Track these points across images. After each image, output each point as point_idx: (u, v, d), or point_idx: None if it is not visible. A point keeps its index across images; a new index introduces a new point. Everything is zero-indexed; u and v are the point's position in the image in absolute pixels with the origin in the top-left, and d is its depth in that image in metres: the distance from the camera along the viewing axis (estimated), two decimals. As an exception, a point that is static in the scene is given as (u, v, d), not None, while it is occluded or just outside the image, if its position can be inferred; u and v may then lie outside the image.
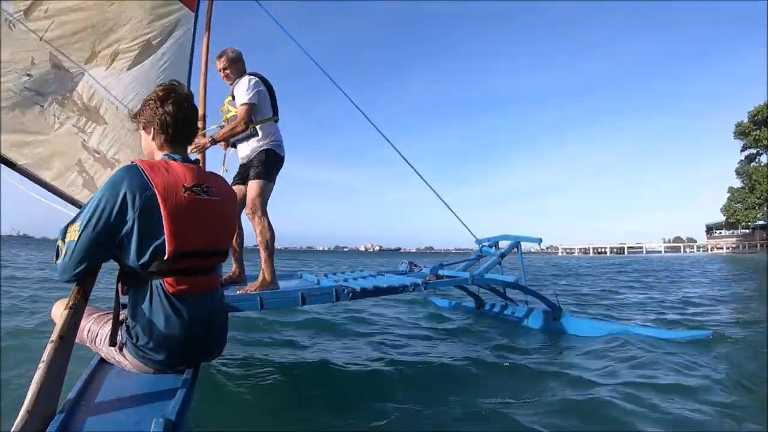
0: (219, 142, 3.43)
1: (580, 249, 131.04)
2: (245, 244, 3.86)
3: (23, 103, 3.00)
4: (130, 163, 1.54)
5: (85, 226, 1.44)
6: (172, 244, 1.47)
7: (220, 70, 3.48)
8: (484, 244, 5.65)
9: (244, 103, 3.30)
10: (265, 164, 3.40)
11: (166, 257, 1.48)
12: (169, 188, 1.50)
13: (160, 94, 1.69)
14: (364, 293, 3.75)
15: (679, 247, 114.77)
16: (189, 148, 3.15)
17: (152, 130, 1.70)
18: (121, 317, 1.65)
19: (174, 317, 1.53)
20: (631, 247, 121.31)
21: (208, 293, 1.67)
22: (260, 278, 3.43)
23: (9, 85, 2.93)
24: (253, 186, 3.36)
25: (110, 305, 1.67)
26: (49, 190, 3.21)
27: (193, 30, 3.76)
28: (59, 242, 1.49)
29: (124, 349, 1.62)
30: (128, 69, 3.50)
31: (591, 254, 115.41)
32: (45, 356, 1.30)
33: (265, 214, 3.38)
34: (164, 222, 1.46)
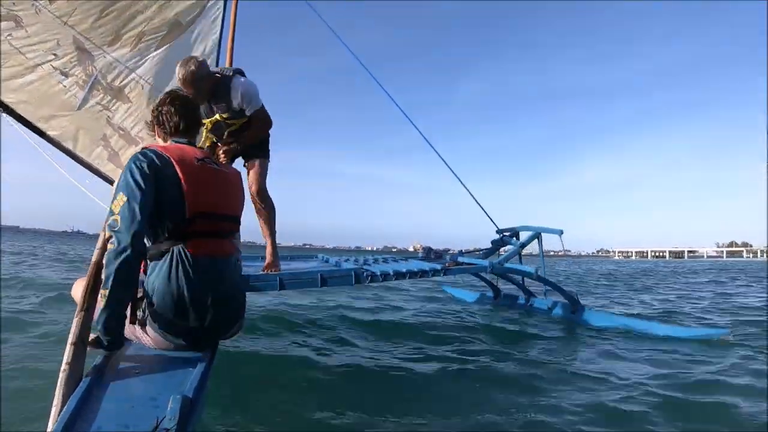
0: (248, 144, 3.17)
1: (637, 252, 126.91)
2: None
3: (48, 80, 3.16)
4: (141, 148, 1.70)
5: (129, 195, 1.51)
6: (191, 204, 1.60)
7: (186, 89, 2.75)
8: (504, 233, 5.50)
9: (262, 106, 3.10)
10: (266, 144, 3.34)
11: (186, 217, 1.60)
12: (182, 157, 1.66)
13: (160, 99, 1.89)
14: (384, 277, 3.75)
15: (741, 252, 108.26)
16: (219, 159, 3.05)
17: (156, 129, 1.88)
18: (139, 294, 1.66)
19: (195, 278, 1.59)
20: (690, 251, 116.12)
21: (226, 258, 1.77)
22: (270, 259, 3.41)
23: (36, 60, 3.08)
24: (263, 164, 3.28)
25: None
26: (76, 161, 3.41)
27: (223, 10, 3.80)
28: (114, 217, 1.49)
29: (146, 325, 1.65)
30: (155, 49, 3.56)
31: (649, 257, 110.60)
32: (67, 358, 1.38)
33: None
34: (183, 184, 1.59)
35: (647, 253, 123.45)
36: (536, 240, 5.22)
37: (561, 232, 5.13)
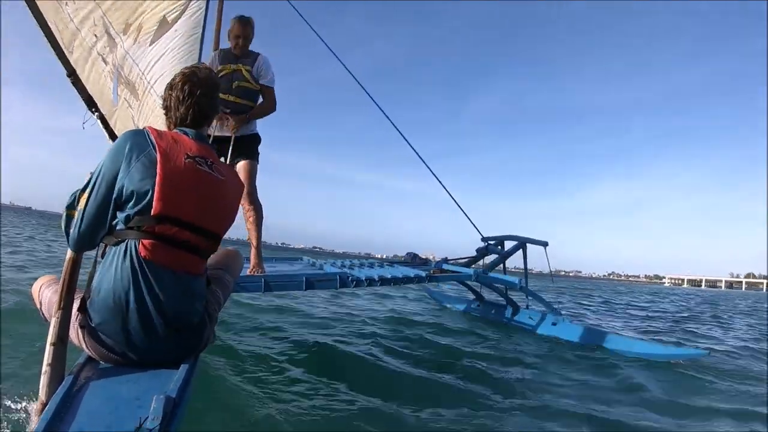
0: (251, 120, 3.52)
1: (689, 280, 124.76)
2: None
3: (96, 67, 3.08)
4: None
5: (91, 191, 1.45)
6: (160, 203, 1.42)
7: (237, 36, 3.47)
8: (490, 242, 5.55)
9: (273, 88, 3.50)
10: (255, 145, 3.56)
11: (151, 214, 1.42)
12: (170, 150, 1.48)
13: (172, 80, 1.71)
14: (369, 282, 3.92)
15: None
16: (222, 127, 3.27)
17: (165, 113, 1.73)
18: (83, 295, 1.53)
19: (136, 285, 1.41)
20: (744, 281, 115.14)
21: (188, 276, 1.52)
22: (255, 261, 3.58)
23: (88, 42, 2.95)
24: (252, 166, 3.48)
25: None
26: None
27: (206, 8, 3.88)
28: (71, 211, 1.48)
29: (84, 330, 1.48)
30: (150, 44, 3.58)
31: (703, 287, 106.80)
32: (48, 359, 1.41)
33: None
34: (157, 179, 1.42)
35: (701, 281, 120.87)
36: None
37: (546, 244, 5.20)
